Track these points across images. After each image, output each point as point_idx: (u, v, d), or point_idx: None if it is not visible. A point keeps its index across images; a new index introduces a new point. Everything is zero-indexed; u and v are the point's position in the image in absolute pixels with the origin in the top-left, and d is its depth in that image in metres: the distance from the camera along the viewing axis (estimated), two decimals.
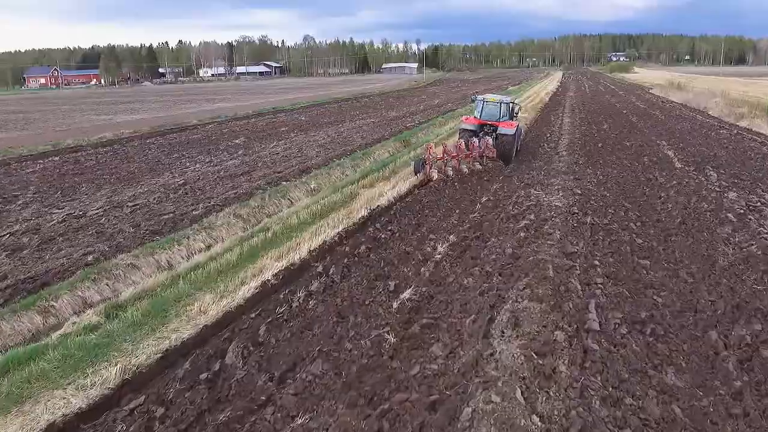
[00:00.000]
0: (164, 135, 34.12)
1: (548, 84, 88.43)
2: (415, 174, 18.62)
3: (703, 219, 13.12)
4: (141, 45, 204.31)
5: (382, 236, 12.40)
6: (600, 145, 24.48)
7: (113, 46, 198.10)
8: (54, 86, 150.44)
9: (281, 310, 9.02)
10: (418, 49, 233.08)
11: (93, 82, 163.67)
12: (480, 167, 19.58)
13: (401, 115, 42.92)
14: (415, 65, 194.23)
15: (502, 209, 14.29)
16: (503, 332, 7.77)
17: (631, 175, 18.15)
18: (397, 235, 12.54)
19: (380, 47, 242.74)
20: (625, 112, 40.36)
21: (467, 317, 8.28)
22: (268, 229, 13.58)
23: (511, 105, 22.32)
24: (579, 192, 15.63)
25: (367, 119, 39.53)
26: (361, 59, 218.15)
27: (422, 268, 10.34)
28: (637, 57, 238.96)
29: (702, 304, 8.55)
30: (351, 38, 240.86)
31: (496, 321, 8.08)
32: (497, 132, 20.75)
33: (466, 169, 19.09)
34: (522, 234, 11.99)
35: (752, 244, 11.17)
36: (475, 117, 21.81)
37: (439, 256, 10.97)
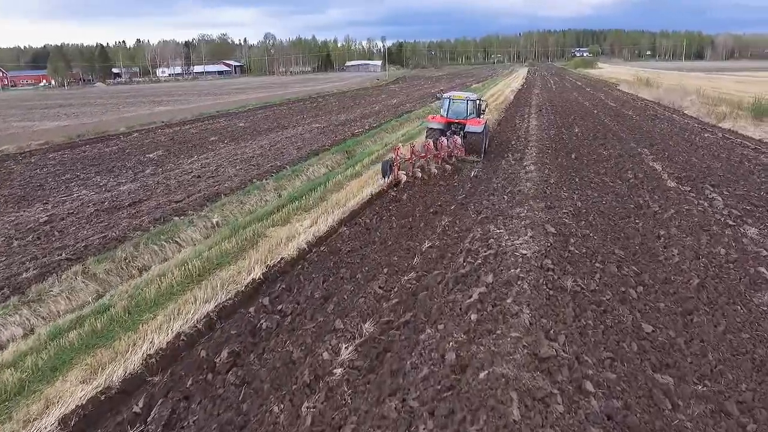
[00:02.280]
0: (76, 147, 29.39)
1: (513, 81, 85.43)
2: (383, 177, 17.27)
3: (727, 276, 9.37)
4: (97, 44, 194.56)
5: (265, 325, 8.22)
6: (573, 156, 20.77)
7: (61, 45, 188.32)
8: None
9: None
10: (383, 46, 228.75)
11: (42, 83, 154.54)
12: (449, 167, 18.84)
13: (353, 118, 38.74)
14: (380, 62, 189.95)
15: (449, 263, 10.31)
16: None
17: (616, 201, 14.40)
18: (289, 320, 8.39)
19: (344, 45, 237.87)
20: (596, 112, 37.01)
21: None
22: (109, 307, 9.28)
23: (478, 102, 21.73)
24: (553, 230, 11.73)
25: (313, 124, 35.22)
26: (324, 57, 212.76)
27: (305, 404, 6.21)
28: (600, 52, 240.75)
29: None
30: (313, 35, 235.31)
31: None
32: (465, 130, 20.37)
33: (435, 170, 18.27)
34: (473, 316, 7.99)
35: None
36: (441, 115, 21.28)
37: (339, 370, 6.86)
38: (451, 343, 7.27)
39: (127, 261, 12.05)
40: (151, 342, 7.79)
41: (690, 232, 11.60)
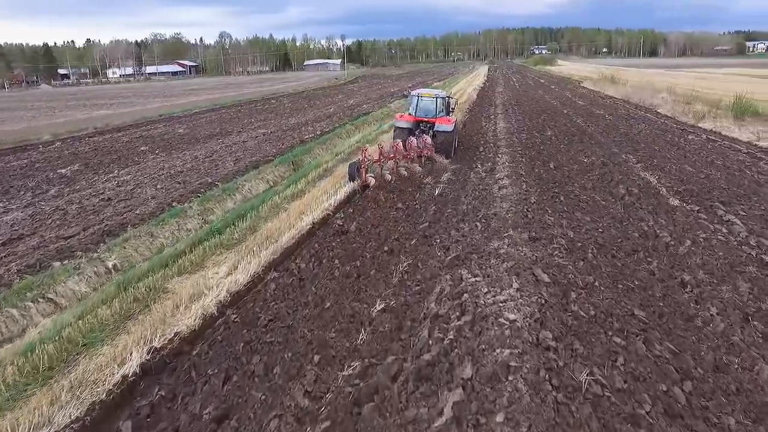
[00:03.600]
0: None
1: (474, 79, 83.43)
2: (351, 181, 16.20)
3: None
4: (44, 44, 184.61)
5: None
6: (552, 165, 18.07)
7: (2, 44, 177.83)
8: None
9: None
10: (343, 44, 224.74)
11: None
12: (420, 168, 17.96)
13: (305, 121, 35.43)
14: (339, 61, 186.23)
15: (408, 340, 7.30)
16: None
17: (615, 227, 11.66)
18: None
19: (303, 43, 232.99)
20: (566, 111, 34.70)
21: None
22: None
23: (447, 99, 20.89)
24: (545, 276, 8.86)
25: (260, 129, 31.75)
26: (282, 56, 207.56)
27: None
28: (559, 50, 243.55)
29: None
30: (270, 34, 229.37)
31: None
32: (434, 129, 19.53)
33: (405, 172, 17.30)
34: None
35: None
36: (410, 114, 20.33)
37: None
38: None
39: None
40: None
41: (721, 277, 8.91)
